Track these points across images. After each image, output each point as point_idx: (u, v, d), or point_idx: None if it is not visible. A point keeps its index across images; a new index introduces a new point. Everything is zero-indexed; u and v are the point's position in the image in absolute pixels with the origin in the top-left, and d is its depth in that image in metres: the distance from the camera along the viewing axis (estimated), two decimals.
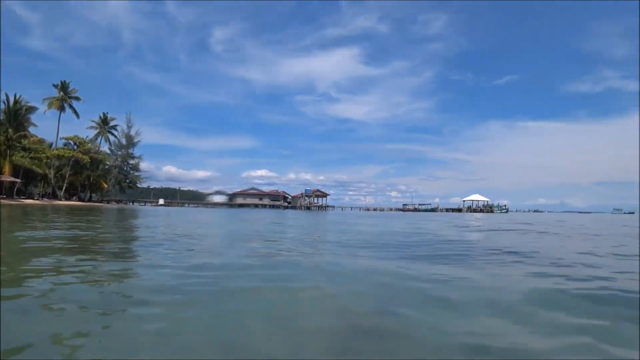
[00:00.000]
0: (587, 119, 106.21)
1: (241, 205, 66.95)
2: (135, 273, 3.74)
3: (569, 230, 13.08)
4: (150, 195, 74.91)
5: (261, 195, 72.71)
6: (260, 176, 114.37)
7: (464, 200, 69.70)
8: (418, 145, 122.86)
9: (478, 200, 67.62)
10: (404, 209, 71.23)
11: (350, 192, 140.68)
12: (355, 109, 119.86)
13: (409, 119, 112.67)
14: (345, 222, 17.73)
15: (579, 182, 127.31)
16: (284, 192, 76.05)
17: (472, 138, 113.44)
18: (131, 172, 57.14)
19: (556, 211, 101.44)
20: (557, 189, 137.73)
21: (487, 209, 65.57)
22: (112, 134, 53.25)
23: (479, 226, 15.94)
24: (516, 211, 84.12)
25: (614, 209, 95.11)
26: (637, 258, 5.67)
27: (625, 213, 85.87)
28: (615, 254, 6.10)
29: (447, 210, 67.92)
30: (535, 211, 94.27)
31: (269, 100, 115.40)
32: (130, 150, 55.33)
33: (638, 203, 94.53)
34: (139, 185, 61.24)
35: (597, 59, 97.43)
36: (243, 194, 72.94)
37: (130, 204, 61.98)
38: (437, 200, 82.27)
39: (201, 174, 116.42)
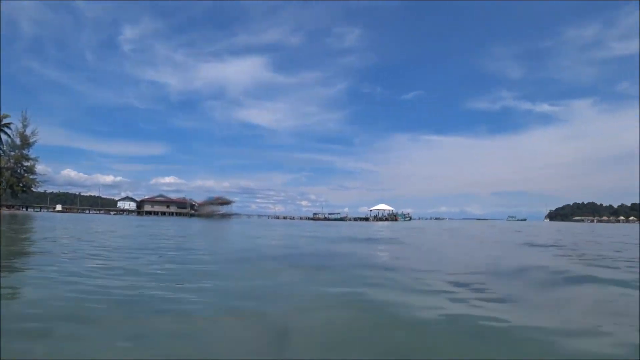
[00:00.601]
0: (485, 134, 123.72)
1: (148, 213, 65.03)
2: None
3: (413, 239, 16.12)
4: (47, 200, 68.61)
5: (168, 202, 70.73)
6: (169, 183, 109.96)
7: (370, 210, 73.69)
8: (329, 155, 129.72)
9: (384, 210, 72.00)
10: (314, 218, 73.08)
11: (258, 200, 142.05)
12: (264, 116, 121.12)
13: (320, 129, 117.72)
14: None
15: (477, 191, 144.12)
16: (191, 199, 74.05)
17: (380, 149, 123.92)
18: (25, 175, 52.45)
19: (456, 218, 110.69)
20: (458, 198, 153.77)
21: (392, 217, 69.57)
22: (5, 133, 48.73)
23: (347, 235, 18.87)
24: (419, 219, 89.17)
25: (508, 216, 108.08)
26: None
27: (518, 220, 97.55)
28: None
29: (355, 219, 70.63)
30: (436, 219, 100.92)
31: (180, 106, 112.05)
32: (25, 151, 50.58)
33: (529, 211, 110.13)
34: (34, 190, 56.45)
35: (495, 80, 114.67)
36: (151, 201, 70.67)
37: (24, 209, 56.41)
38: (346, 209, 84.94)
39: (106, 179, 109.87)
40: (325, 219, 72.13)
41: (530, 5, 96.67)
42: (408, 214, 75.87)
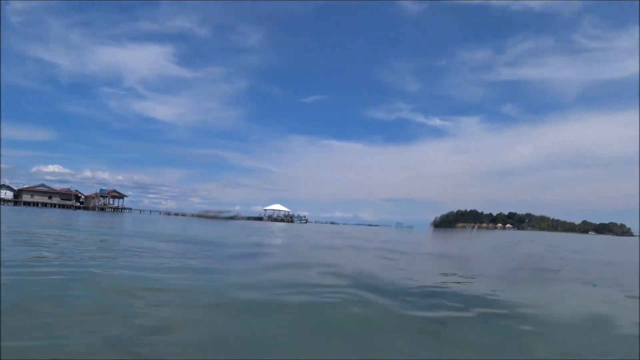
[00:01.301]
0: (381, 143, 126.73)
1: (27, 204, 60.86)
2: None
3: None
4: None
5: (51, 193, 66.14)
6: (53, 172, 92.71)
7: (265, 209, 72.41)
8: (224, 151, 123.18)
9: (279, 210, 71.30)
10: (203, 215, 68.39)
11: (151, 195, 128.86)
12: (164, 110, 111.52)
13: (219, 125, 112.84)
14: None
15: (370, 197, 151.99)
16: (76, 191, 69.32)
17: (277, 149, 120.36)
18: None
19: (350, 223, 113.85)
20: (352, 203, 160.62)
21: (288, 219, 69.13)
22: None
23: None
24: (315, 222, 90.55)
25: (396, 222, 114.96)
26: None
27: (405, 227, 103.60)
28: None
29: (247, 218, 69.04)
30: (331, 223, 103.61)
31: (71, 89, 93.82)
32: None
33: (417, 218, 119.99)
34: None
35: (393, 92, 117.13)
36: (30, 190, 64.95)
37: None
38: (238, 207, 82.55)
39: None
40: (215, 216, 66.88)
41: (430, 25, 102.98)
42: (305, 216, 75.88)
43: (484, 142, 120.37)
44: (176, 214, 73.92)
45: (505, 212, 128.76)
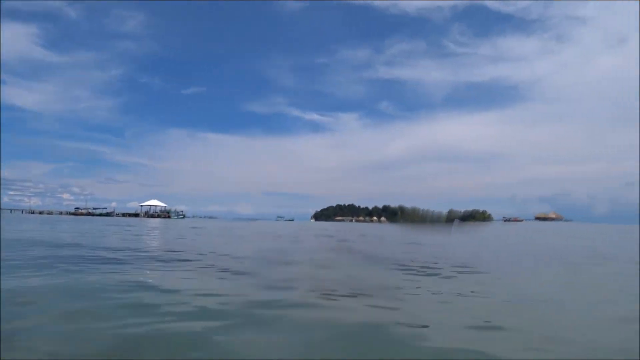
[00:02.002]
0: (260, 136, 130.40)
1: None
2: None
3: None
4: None
5: None
6: None
7: (141, 205, 71.62)
8: (97, 145, 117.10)
9: (156, 206, 71.21)
10: (76, 213, 68.33)
11: (11, 192, 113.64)
12: (27, 96, 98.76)
13: (90, 116, 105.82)
14: None
15: (250, 191, 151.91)
16: None
17: (154, 143, 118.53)
18: None
19: (229, 218, 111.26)
20: (231, 197, 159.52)
21: (165, 214, 69.29)
22: None
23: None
24: (193, 217, 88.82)
25: (277, 216, 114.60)
26: None
27: (286, 220, 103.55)
28: None
29: (124, 215, 68.20)
30: (210, 217, 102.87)
31: None
32: None
33: (297, 211, 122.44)
34: None
35: (272, 86, 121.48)
36: None
37: None
38: (114, 204, 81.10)
39: None
40: (89, 214, 67.47)
41: (312, 23, 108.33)
42: (182, 211, 75.71)
43: (362, 137, 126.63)
44: (41, 212, 71.59)
45: (380, 206, 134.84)
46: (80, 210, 70.32)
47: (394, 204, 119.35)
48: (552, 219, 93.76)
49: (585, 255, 10.58)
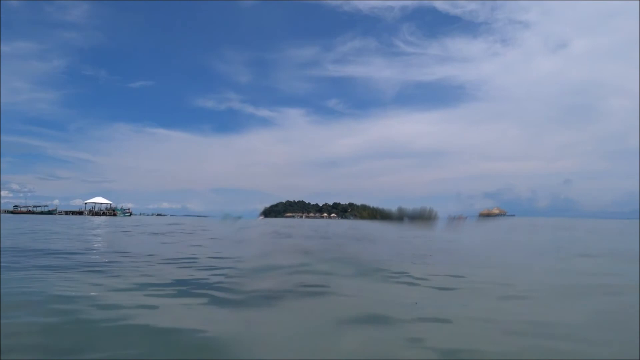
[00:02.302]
0: (210, 132, 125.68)
1: None
2: None
3: None
4: None
5: None
6: None
7: (85, 203, 69.89)
8: (38, 140, 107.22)
9: (101, 203, 70.11)
10: (15, 211, 66.41)
11: None
12: None
13: (30, 109, 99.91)
14: None
15: (198, 188, 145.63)
16: None
17: (98, 138, 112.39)
18: None
19: (177, 215, 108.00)
20: (180, 194, 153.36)
21: (110, 212, 68.31)
22: None
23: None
24: (140, 214, 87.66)
25: (224, 213, 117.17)
26: None
27: (234, 217, 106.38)
28: None
29: (67, 213, 67.03)
30: (158, 215, 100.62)
31: None
32: None
33: (246, 208, 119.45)
34: None
35: (223, 82, 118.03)
36: None
37: None
38: (56, 201, 78.52)
39: None
40: (30, 212, 66.59)
41: (263, 19, 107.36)
42: (128, 209, 74.90)
43: (309, 133, 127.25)
44: None
45: (330, 203, 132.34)
46: (19, 209, 68.28)
47: (343, 200, 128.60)
48: (495, 215, 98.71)
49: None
